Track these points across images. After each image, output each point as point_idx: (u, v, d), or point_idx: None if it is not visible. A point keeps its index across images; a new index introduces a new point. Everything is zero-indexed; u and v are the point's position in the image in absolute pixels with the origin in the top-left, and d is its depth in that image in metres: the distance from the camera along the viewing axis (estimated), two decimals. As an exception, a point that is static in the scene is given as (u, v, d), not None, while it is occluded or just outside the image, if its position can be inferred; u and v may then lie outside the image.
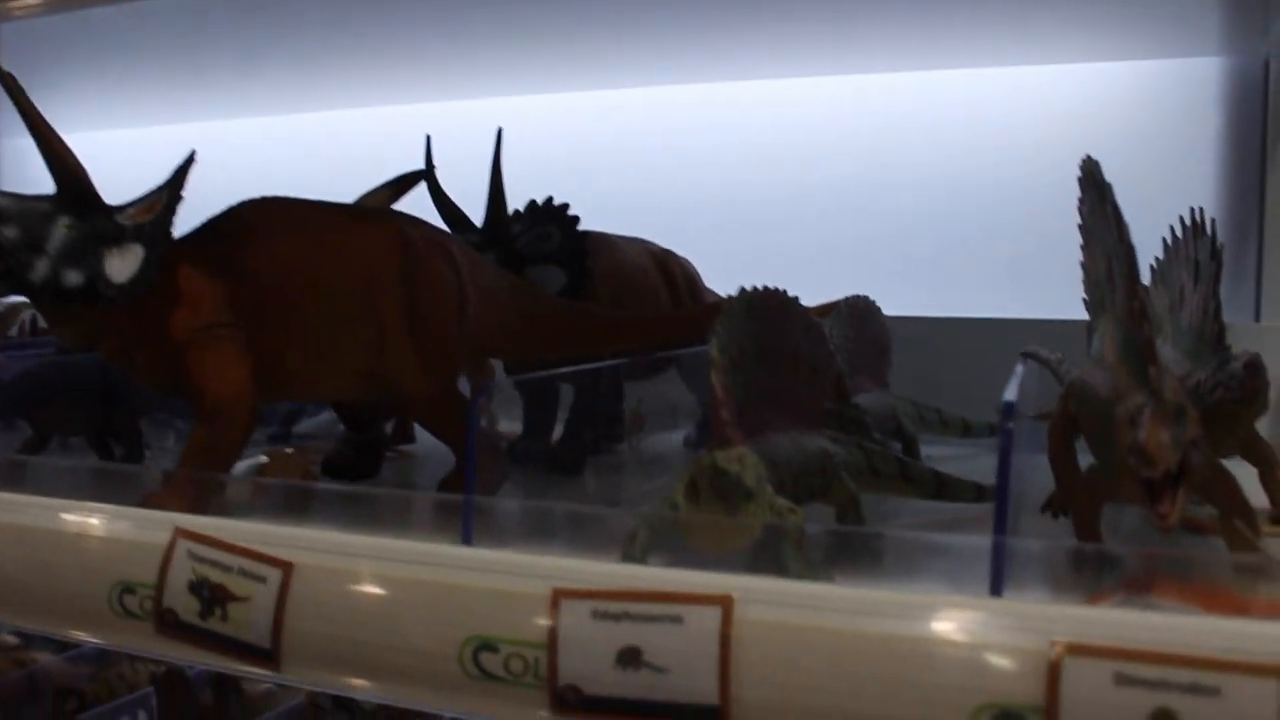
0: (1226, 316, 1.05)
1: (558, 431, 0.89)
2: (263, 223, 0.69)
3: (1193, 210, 0.70)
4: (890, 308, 0.96)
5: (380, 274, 0.69)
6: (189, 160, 0.66)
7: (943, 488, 0.66)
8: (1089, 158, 0.50)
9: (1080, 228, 0.57)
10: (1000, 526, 0.45)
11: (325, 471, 0.80)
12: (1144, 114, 1.11)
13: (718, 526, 0.49)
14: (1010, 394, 0.47)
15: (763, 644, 0.44)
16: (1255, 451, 0.67)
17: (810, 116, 1.25)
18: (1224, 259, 0.68)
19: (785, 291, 0.58)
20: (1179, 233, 0.73)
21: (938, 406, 0.91)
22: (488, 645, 0.48)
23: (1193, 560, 0.46)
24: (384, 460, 0.84)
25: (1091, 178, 0.51)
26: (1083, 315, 0.68)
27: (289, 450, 0.77)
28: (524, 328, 0.78)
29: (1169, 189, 1.05)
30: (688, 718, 0.44)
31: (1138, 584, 0.46)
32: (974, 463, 0.85)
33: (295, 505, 0.66)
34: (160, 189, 0.66)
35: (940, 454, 0.87)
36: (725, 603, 0.45)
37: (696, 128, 1.29)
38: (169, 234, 0.66)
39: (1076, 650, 0.39)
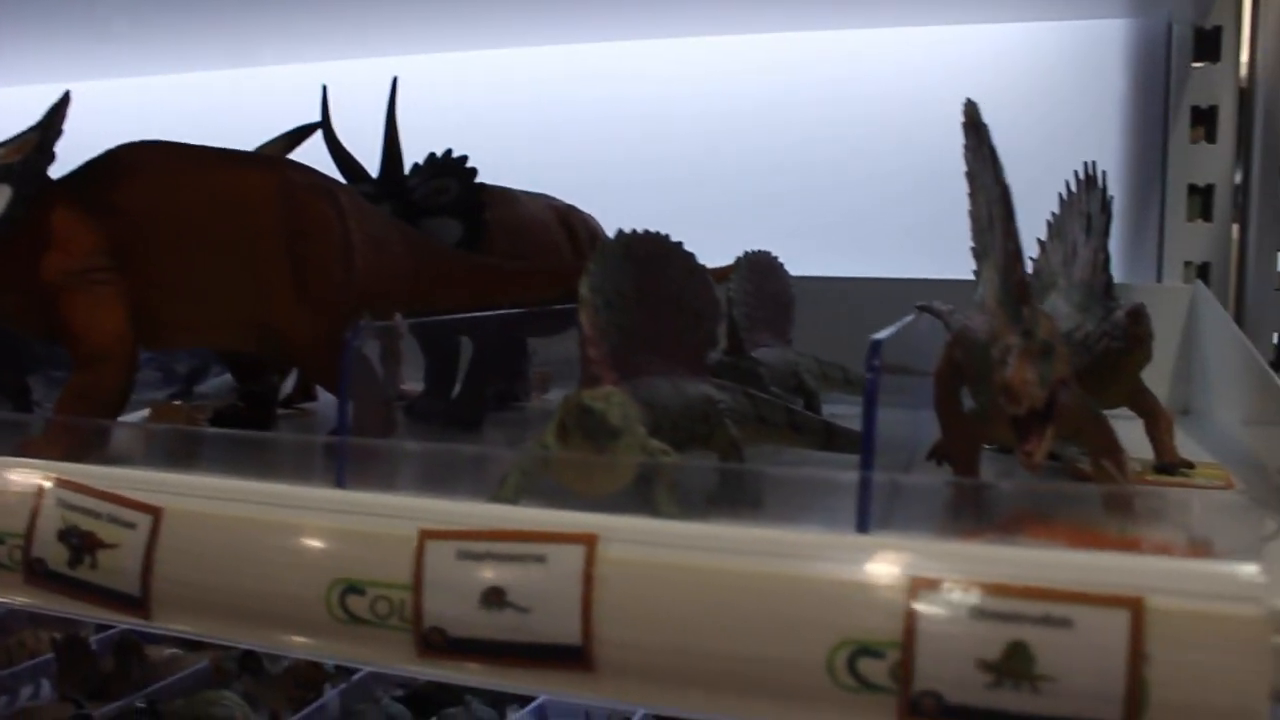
0: (1129, 277, 1.06)
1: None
2: (141, 165, 0.67)
3: (1086, 165, 0.71)
4: (797, 267, 0.96)
5: (261, 219, 0.67)
6: (63, 101, 0.64)
7: (833, 438, 0.65)
8: (969, 101, 0.50)
9: (966, 174, 0.57)
10: (866, 463, 0.44)
11: (214, 424, 0.79)
12: (1049, 75, 1.11)
13: (588, 466, 0.48)
14: (881, 334, 0.47)
15: (625, 582, 0.43)
16: (1141, 402, 0.67)
17: (715, 75, 1.24)
18: (1113, 212, 0.68)
19: (667, 236, 0.57)
20: (1073, 187, 0.73)
21: (843, 364, 0.91)
22: (354, 588, 0.48)
23: (1059, 497, 0.45)
24: (276, 413, 0.83)
25: (972, 121, 0.51)
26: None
27: (176, 403, 0.75)
28: (417, 278, 0.77)
29: (1074, 150, 1.04)
30: (550, 658, 0.44)
31: (1007, 522, 0.46)
32: (895, 420, 0.85)
33: (180, 455, 0.64)
34: (33, 129, 0.64)
35: (846, 412, 0.87)
36: (589, 542, 0.44)
37: (603, 86, 1.28)
38: (41, 174, 0.64)
39: (931, 585, 0.39)
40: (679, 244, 0.58)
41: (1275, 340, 0.98)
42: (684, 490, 0.52)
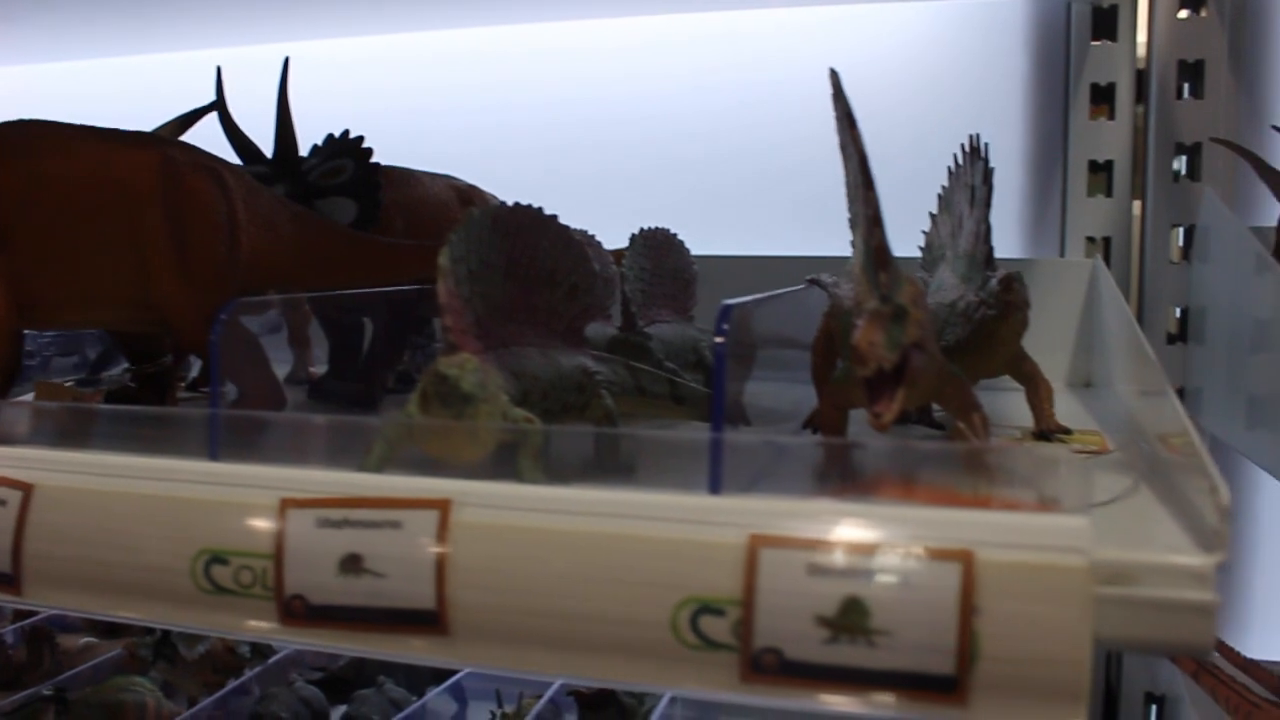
0: (1033, 252, 1.07)
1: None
2: (19, 144, 0.67)
3: (971, 137, 0.71)
4: (702, 247, 0.96)
5: (140, 197, 0.67)
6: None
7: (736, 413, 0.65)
8: (831, 70, 0.50)
9: (839, 145, 0.57)
10: (716, 425, 0.45)
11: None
12: (951, 54, 1.12)
13: (448, 433, 0.48)
14: (734, 300, 0.47)
15: (478, 546, 0.43)
16: (1021, 370, 0.68)
17: (620, 55, 1.24)
18: (993, 185, 0.68)
19: (539, 209, 0.57)
20: (960, 159, 0.73)
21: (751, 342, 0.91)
22: (218, 558, 0.48)
23: (916, 457, 0.46)
24: (173, 394, 0.82)
25: (836, 91, 0.51)
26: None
27: (63, 383, 0.75)
28: (307, 258, 0.76)
29: (976, 128, 1.06)
30: (406, 622, 0.44)
31: (864, 482, 0.46)
32: (785, 395, 0.85)
33: (60, 433, 0.64)
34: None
35: (752, 389, 0.87)
36: (443, 507, 0.44)
37: (506, 68, 1.28)
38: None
39: (771, 543, 0.39)
40: (552, 217, 0.58)
41: (1177, 314, 0.99)
42: (560, 457, 0.53)
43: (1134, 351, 0.70)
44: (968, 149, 0.73)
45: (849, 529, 0.39)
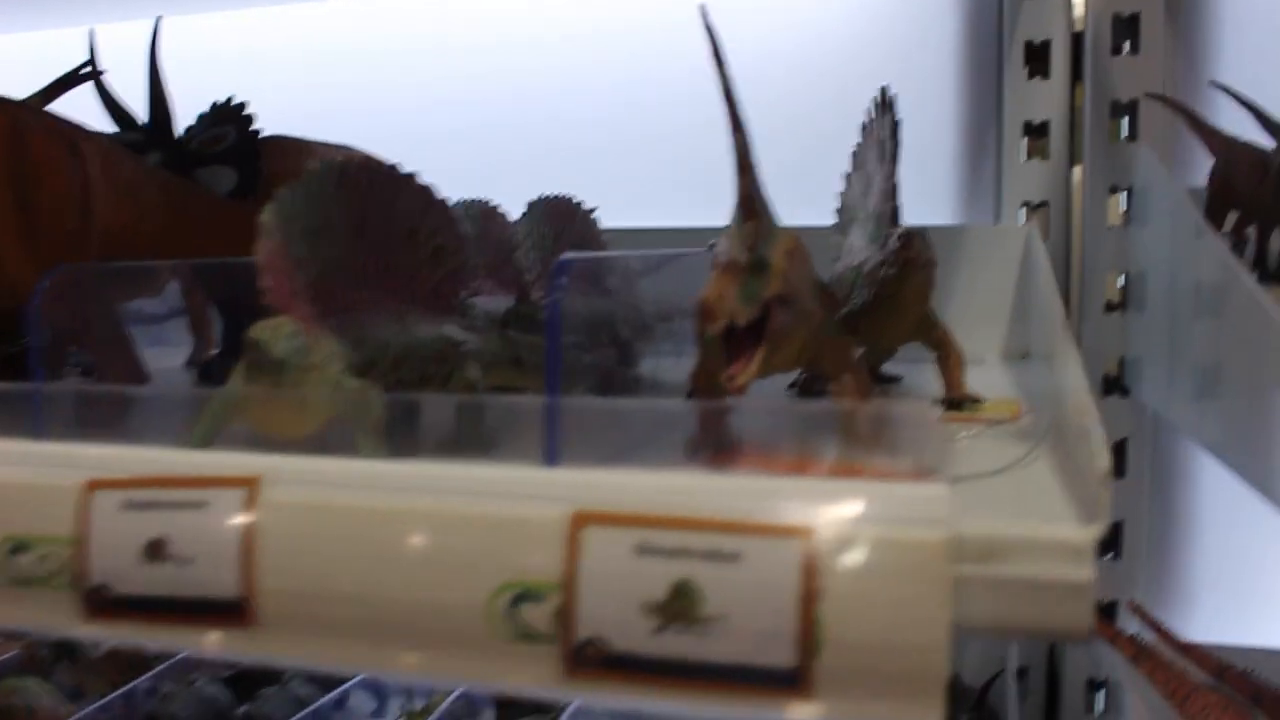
0: (968, 218, 1.03)
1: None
2: None
3: (881, 89, 0.67)
4: (628, 219, 0.92)
5: None
6: None
7: (610, 384, 0.61)
8: (701, 6, 0.45)
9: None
10: (552, 388, 0.40)
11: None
12: (879, 14, 1.08)
13: (272, 405, 0.43)
14: (571, 255, 0.43)
15: (287, 528, 0.39)
16: (931, 336, 0.63)
17: (530, 30, 1.19)
18: (901, 139, 0.64)
19: (395, 167, 0.53)
20: (871, 114, 0.69)
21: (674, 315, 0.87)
22: (21, 545, 0.43)
23: (783, 420, 0.41)
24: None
25: (713, 49, 0.47)
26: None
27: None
28: (179, 228, 0.72)
29: (908, 89, 1.01)
30: (211, 612, 0.39)
31: (726, 449, 0.42)
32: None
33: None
34: None
35: (664, 364, 0.83)
36: (251, 485, 0.39)
37: (407, 37, 1.23)
38: None
39: (596, 520, 0.35)
40: (411, 176, 0.53)
41: (1121, 281, 0.95)
42: (422, 431, 0.48)
43: (1049, 316, 0.66)
44: (878, 102, 0.68)
45: (682, 503, 0.34)
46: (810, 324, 0.47)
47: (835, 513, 0.33)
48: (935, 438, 0.34)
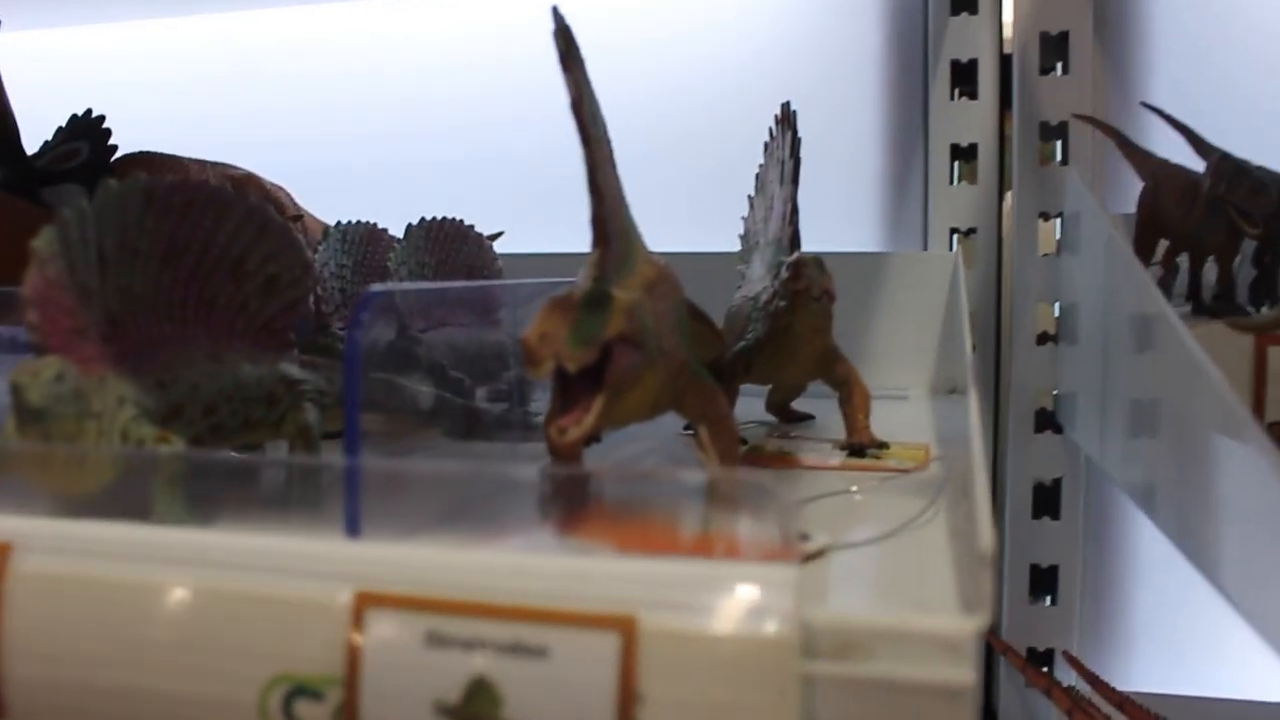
0: (895, 245, 0.98)
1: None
2: None
3: (783, 105, 0.62)
4: (537, 244, 0.87)
5: None
6: None
7: (476, 427, 0.55)
8: (554, 8, 0.40)
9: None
10: (352, 445, 0.34)
11: None
12: (801, 31, 1.03)
13: (44, 459, 0.37)
14: (381, 286, 0.37)
15: (42, 605, 0.33)
16: (834, 373, 0.58)
17: (445, 39, 1.14)
18: (801, 154, 0.59)
19: (222, 188, 0.47)
20: (773, 131, 0.64)
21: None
22: None
23: (629, 488, 0.36)
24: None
25: (558, 27, 0.41)
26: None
27: None
28: (14, 250, 0.65)
29: (830, 110, 0.97)
30: (-45, 705, 0.33)
31: (568, 517, 0.36)
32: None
33: None
34: None
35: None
36: (1, 552, 0.33)
37: (316, 49, 1.18)
38: None
39: (382, 602, 0.29)
40: (240, 198, 0.47)
41: (1055, 311, 0.91)
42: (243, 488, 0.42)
43: (961, 351, 0.61)
44: (779, 118, 0.63)
45: (483, 584, 0.28)
46: (668, 366, 0.41)
47: (661, 600, 0.28)
48: (790, 512, 0.29)
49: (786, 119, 0.61)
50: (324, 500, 0.41)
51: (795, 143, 0.59)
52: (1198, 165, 0.71)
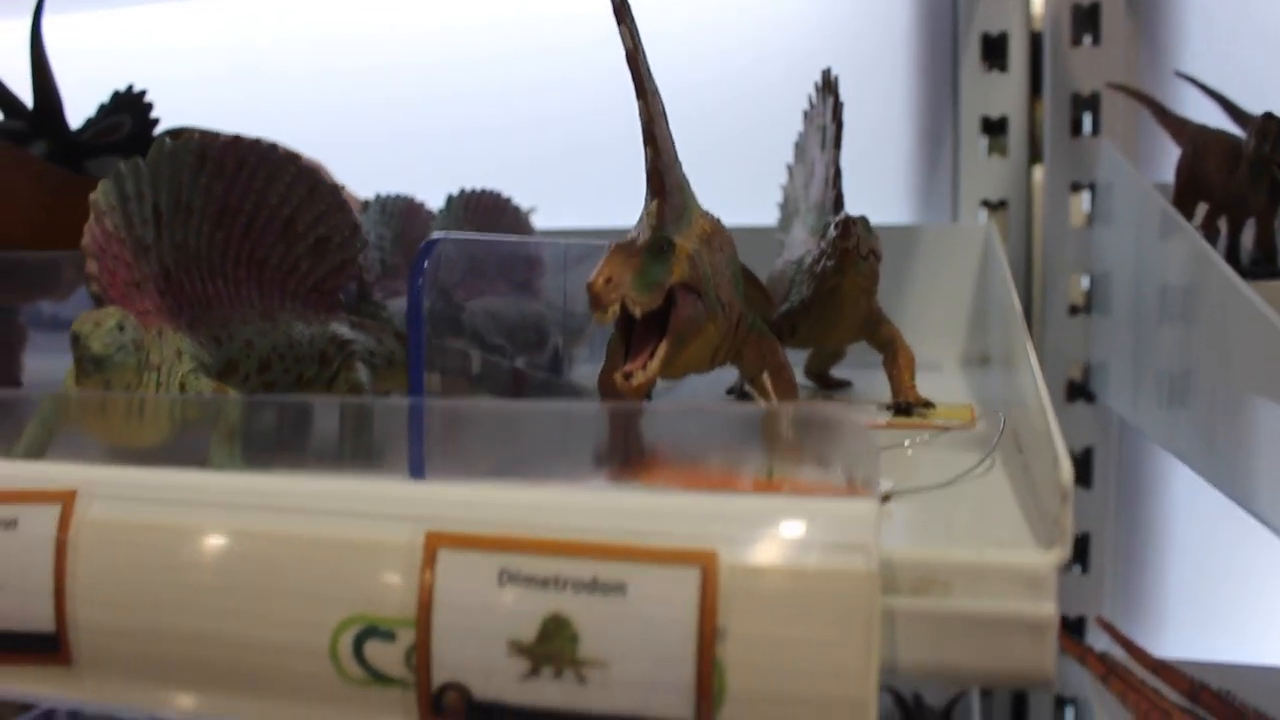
0: (924, 217, 0.98)
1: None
2: None
3: (824, 72, 0.61)
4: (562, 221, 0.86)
5: None
6: None
7: (523, 389, 0.55)
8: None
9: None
10: (416, 385, 0.34)
11: None
12: (834, 20, 1.02)
13: (107, 409, 0.37)
14: (440, 234, 0.37)
15: (107, 550, 0.33)
16: (878, 334, 0.58)
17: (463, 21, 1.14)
18: (844, 118, 0.59)
19: (274, 146, 0.47)
20: (813, 99, 0.64)
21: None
22: None
23: (697, 426, 0.36)
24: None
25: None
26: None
27: None
28: (54, 219, 0.65)
29: (862, 84, 0.96)
30: (22, 649, 0.33)
31: (629, 460, 0.36)
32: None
33: None
34: None
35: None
36: (66, 500, 0.33)
37: (352, 31, 1.17)
38: None
39: (454, 542, 0.29)
40: (294, 157, 0.47)
41: (1085, 283, 0.90)
42: (298, 441, 0.42)
43: (1007, 318, 0.61)
44: (820, 85, 0.63)
45: (557, 523, 0.28)
46: (728, 318, 0.41)
47: (741, 536, 0.27)
48: (866, 445, 0.29)
49: (828, 85, 0.61)
50: (383, 447, 0.41)
51: (837, 107, 0.59)
52: (1235, 131, 0.71)
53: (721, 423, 0.35)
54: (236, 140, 0.46)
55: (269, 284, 0.47)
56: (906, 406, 0.56)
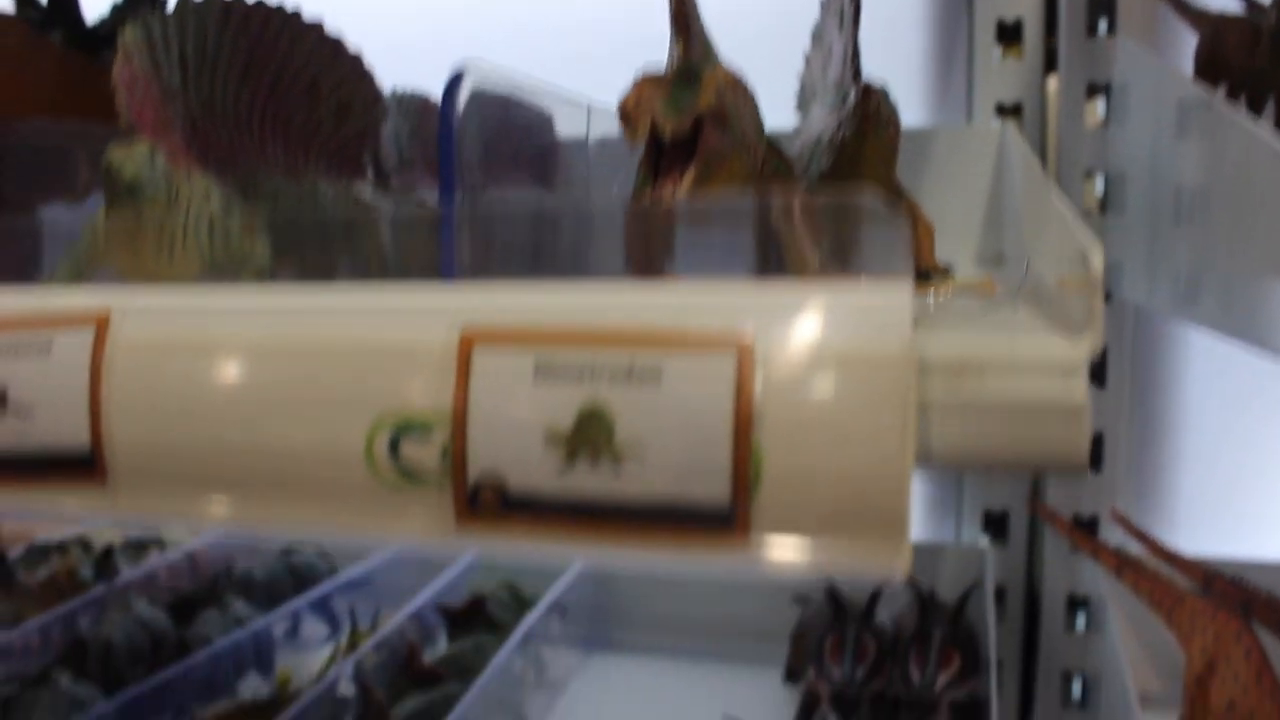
0: (938, 119, 0.98)
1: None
2: None
3: (840, -50, 0.60)
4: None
5: None
6: None
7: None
8: None
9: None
10: (446, 189, 0.34)
11: None
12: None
13: (141, 243, 0.38)
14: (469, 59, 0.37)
15: (142, 368, 0.33)
16: (895, 205, 0.57)
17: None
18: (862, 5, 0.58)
19: (297, 13, 0.47)
20: (830, -19, 0.63)
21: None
22: None
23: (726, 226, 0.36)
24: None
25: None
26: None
27: None
28: (71, 104, 0.65)
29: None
30: (58, 468, 0.34)
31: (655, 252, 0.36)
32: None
33: None
34: None
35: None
36: (99, 323, 0.34)
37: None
38: None
39: (490, 338, 0.29)
40: (315, 25, 0.47)
41: (1099, 186, 0.90)
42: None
43: (1033, 188, 0.61)
44: (836, -36, 0.62)
45: (591, 317, 0.28)
46: (752, 158, 0.41)
47: (777, 321, 0.27)
48: (898, 233, 0.29)
49: (844, -32, 0.60)
50: (410, 262, 0.41)
51: (854, -12, 0.58)
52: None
53: (750, 217, 0.35)
54: (260, 2, 0.46)
55: (293, 143, 0.47)
56: (926, 273, 0.56)
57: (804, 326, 0.27)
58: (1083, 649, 0.92)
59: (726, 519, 0.27)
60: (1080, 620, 0.93)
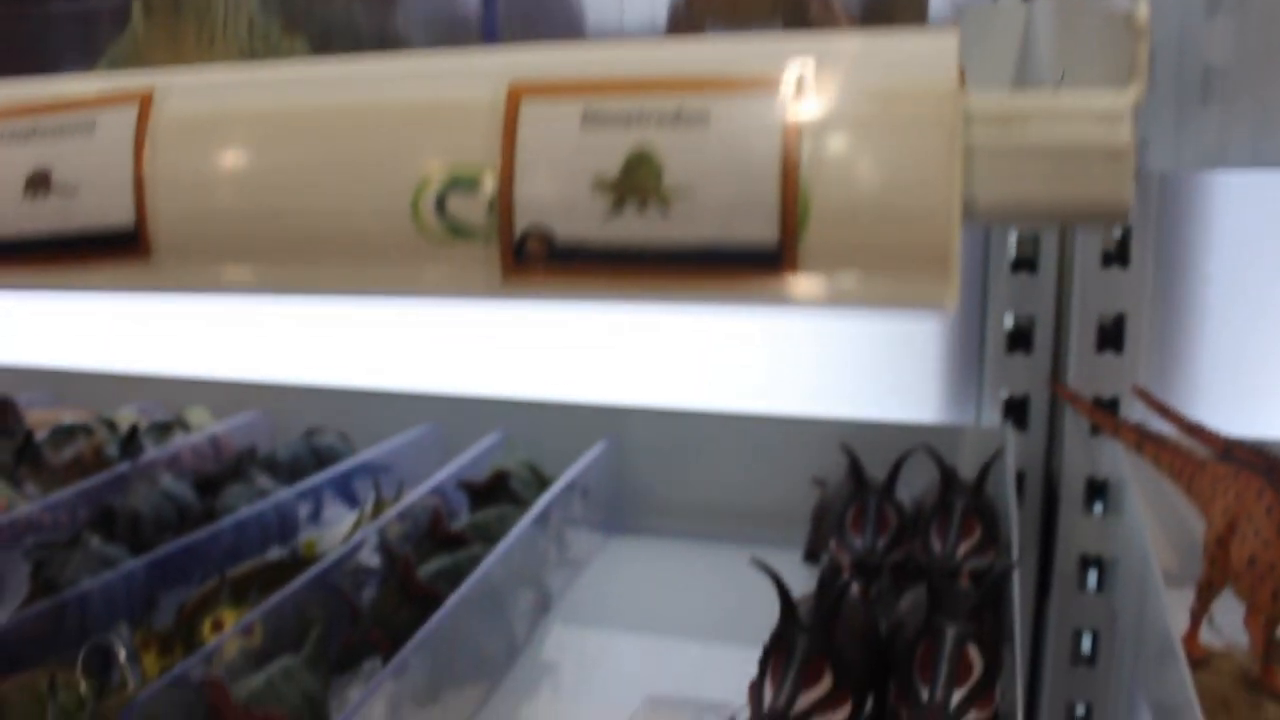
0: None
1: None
2: None
3: None
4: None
5: None
6: None
7: None
8: None
9: None
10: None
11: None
12: None
13: (175, 39, 0.37)
14: None
15: (183, 143, 0.33)
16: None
17: None
18: None
19: None
20: None
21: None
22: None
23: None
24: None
25: None
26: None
27: None
28: None
29: None
30: (101, 247, 0.34)
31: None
32: None
33: None
34: None
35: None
36: (143, 100, 0.34)
37: None
38: None
39: (537, 91, 0.29)
40: None
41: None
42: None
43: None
44: None
45: (637, 64, 0.28)
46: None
47: (824, 63, 0.27)
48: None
49: None
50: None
51: None
52: None
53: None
54: None
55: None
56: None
57: (851, 66, 0.27)
58: (1100, 533, 0.92)
59: (775, 258, 0.27)
60: (1098, 506, 0.93)
